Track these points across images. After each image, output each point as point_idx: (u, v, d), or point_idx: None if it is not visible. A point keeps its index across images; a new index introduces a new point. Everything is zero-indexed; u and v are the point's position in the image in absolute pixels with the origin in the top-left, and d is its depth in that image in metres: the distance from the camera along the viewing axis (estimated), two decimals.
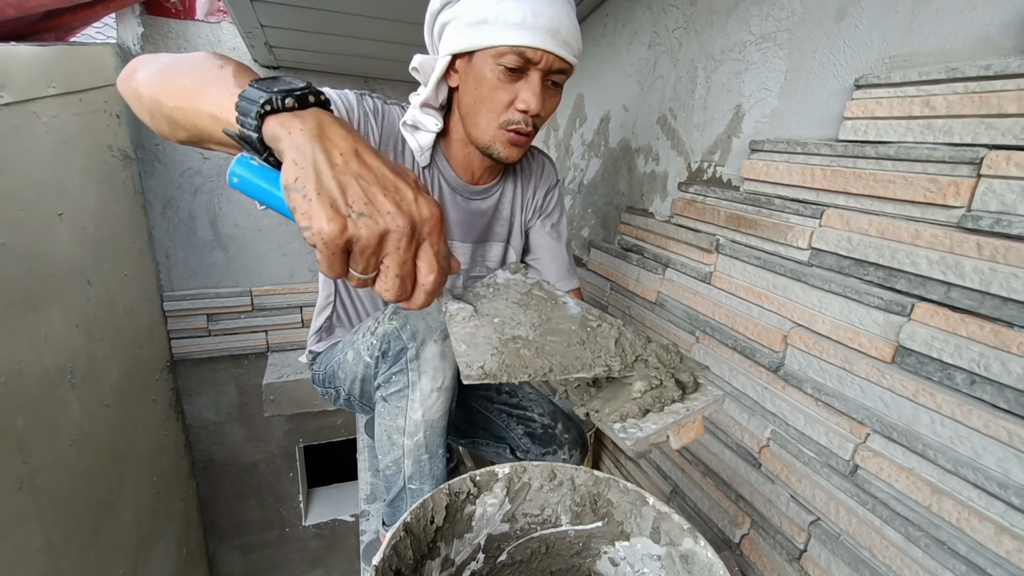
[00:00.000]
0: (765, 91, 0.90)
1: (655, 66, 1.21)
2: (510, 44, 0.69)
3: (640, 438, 0.44)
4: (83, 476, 1.37)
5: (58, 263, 1.33)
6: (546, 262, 1.01)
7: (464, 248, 0.96)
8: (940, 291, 0.62)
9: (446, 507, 0.60)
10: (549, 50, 0.71)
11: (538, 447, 1.02)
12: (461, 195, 0.91)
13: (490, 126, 0.77)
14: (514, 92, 0.74)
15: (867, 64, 0.73)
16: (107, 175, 1.62)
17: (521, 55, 0.70)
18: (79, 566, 1.33)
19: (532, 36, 0.69)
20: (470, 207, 0.93)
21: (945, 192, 0.61)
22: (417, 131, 0.83)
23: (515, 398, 1.08)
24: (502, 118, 0.76)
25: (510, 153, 0.80)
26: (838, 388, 0.75)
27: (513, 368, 0.46)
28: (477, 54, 0.73)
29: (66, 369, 1.32)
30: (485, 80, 0.74)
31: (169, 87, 0.46)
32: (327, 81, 1.99)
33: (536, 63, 0.72)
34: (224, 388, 2.20)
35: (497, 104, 0.75)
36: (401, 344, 0.75)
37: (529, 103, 0.73)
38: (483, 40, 0.71)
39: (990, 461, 0.58)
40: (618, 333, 0.56)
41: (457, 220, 0.93)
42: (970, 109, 0.59)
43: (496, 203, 0.95)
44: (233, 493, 2.39)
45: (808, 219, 0.79)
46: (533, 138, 0.81)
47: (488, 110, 0.76)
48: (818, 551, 0.76)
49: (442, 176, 0.89)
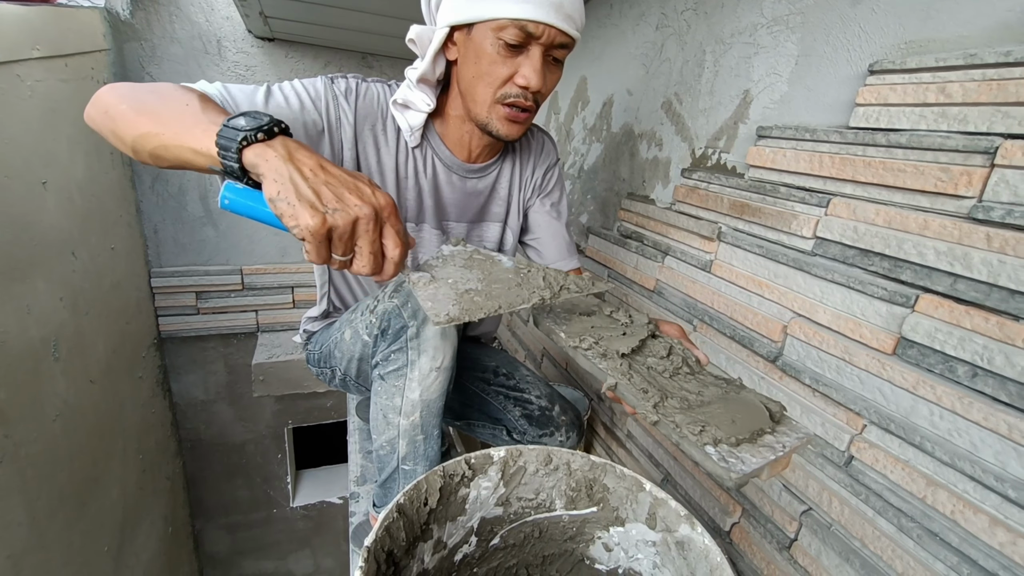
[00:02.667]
0: (775, 76, 0.88)
1: (662, 49, 1.19)
2: (511, 17, 0.67)
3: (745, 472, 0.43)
4: (68, 451, 1.35)
5: (43, 233, 1.29)
6: (545, 241, 0.99)
7: (460, 228, 0.94)
8: (946, 282, 0.61)
9: (440, 489, 0.59)
10: (551, 23, 0.68)
11: (535, 429, 1.02)
12: (457, 174, 0.88)
13: (488, 101, 0.74)
14: (514, 67, 0.72)
15: (882, 49, 0.71)
16: (95, 145, 1.57)
17: (522, 29, 0.68)
18: (64, 540, 1.32)
19: (534, 9, 0.66)
20: (466, 186, 0.90)
21: (957, 182, 0.60)
22: (407, 110, 0.80)
23: (512, 380, 1.07)
24: (500, 92, 0.73)
25: (510, 131, 0.77)
26: (836, 379, 0.75)
27: (471, 310, 0.55)
28: (476, 27, 0.70)
29: (50, 342, 1.29)
30: (484, 54, 0.71)
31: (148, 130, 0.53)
32: (324, 56, 1.94)
33: (538, 37, 0.69)
34: (213, 367, 2.18)
35: (496, 79, 0.72)
36: (402, 322, 0.73)
37: (530, 79, 0.71)
38: (483, 12, 0.68)
39: (988, 454, 0.58)
40: (543, 272, 0.67)
41: (453, 200, 0.90)
42: (987, 97, 0.58)
43: (493, 182, 0.93)
44: (221, 473, 2.38)
45: (814, 207, 0.78)
46: (534, 115, 0.78)
47: (487, 84, 0.73)
48: (809, 540, 0.76)
49: (436, 155, 0.86)
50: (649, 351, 0.62)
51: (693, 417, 0.50)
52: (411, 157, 0.85)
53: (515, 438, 1.04)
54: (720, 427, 0.47)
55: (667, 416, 0.50)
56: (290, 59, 1.91)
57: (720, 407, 0.52)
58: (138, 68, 1.73)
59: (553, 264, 1.00)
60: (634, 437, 1.18)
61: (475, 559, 0.67)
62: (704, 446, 0.45)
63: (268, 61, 1.88)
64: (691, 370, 0.61)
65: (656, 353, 0.62)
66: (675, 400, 0.54)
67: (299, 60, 1.92)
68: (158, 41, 1.73)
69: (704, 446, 0.45)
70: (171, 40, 1.74)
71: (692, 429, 0.48)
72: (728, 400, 0.54)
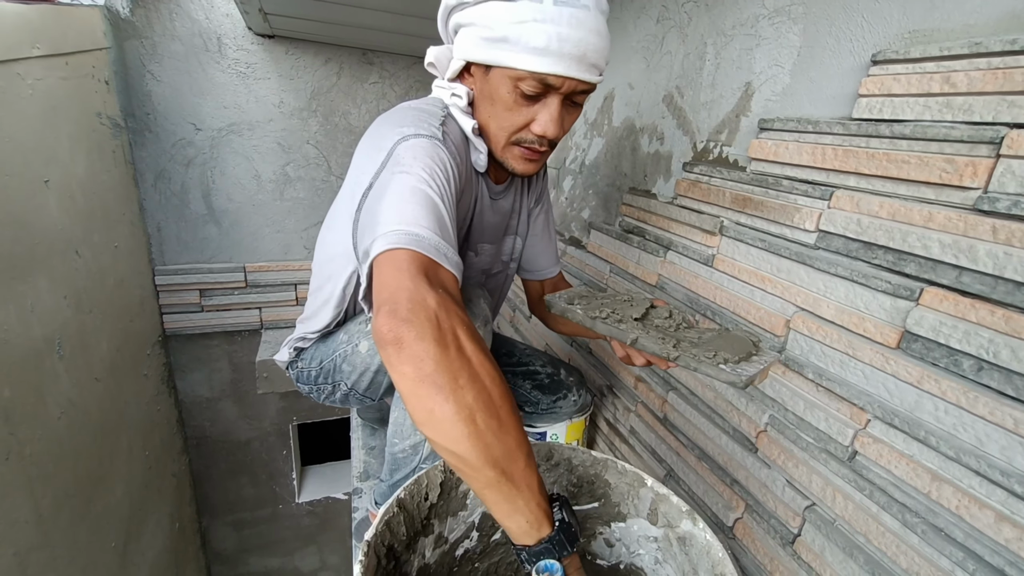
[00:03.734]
0: (777, 68, 0.87)
1: (663, 42, 1.18)
2: (530, 70, 0.64)
3: (750, 375, 0.59)
4: (73, 449, 1.36)
5: (45, 232, 1.29)
6: (543, 247, 1.00)
7: (491, 249, 0.93)
8: (951, 275, 0.61)
9: (440, 484, 0.59)
10: (573, 76, 0.65)
11: (548, 396, 1.04)
12: (491, 196, 0.87)
13: (502, 143, 0.72)
14: (531, 114, 0.69)
15: (885, 39, 0.70)
16: (96, 143, 1.57)
17: (541, 81, 0.65)
18: (70, 538, 1.33)
19: (555, 63, 0.63)
20: (498, 207, 0.89)
21: (962, 173, 0.59)
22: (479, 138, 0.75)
23: (514, 357, 1.08)
24: (515, 136, 0.71)
25: (526, 168, 0.75)
26: (840, 374, 0.74)
27: None
28: (494, 70, 0.67)
29: (54, 340, 1.30)
30: (500, 99, 0.68)
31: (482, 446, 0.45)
32: (325, 52, 1.94)
33: (557, 88, 0.66)
34: (217, 364, 2.19)
35: (511, 125, 0.70)
36: None
37: (547, 128, 0.68)
38: (501, 59, 0.65)
39: (994, 449, 0.57)
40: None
41: (492, 224, 0.89)
42: (993, 86, 0.57)
43: (513, 198, 0.93)
44: (226, 470, 2.39)
45: (816, 201, 0.77)
46: (549, 155, 0.76)
47: (501, 128, 0.71)
48: (812, 536, 0.76)
49: (483, 180, 0.83)
50: (654, 315, 0.76)
51: (704, 349, 0.65)
52: (474, 183, 0.81)
53: (527, 411, 1.05)
54: (725, 351, 0.63)
55: (686, 352, 0.64)
56: (291, 56, 1.90)
57: (720, 342, 0.67)
58: (139, 66, 1.73)
59: (543, 271, 1.02)
60: (637, 433, 1.18)
61: (476, 554, 0.67)
62: (719, 364, 0.61)
63: (269, 58, 1.88)
64: (688, 324, 0.76)
65: (660, 316, 0.75)
66: (686, 343, 0.68)
67: (299, 57, 1.92)
68: (158, 39, 1.73)
69: (719, 364, 0.61)
70: (171, 38, 1.74)
71: (707, 355, 0.63)
72: (722, 337, 0.69)
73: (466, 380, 0.44)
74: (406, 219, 0.51)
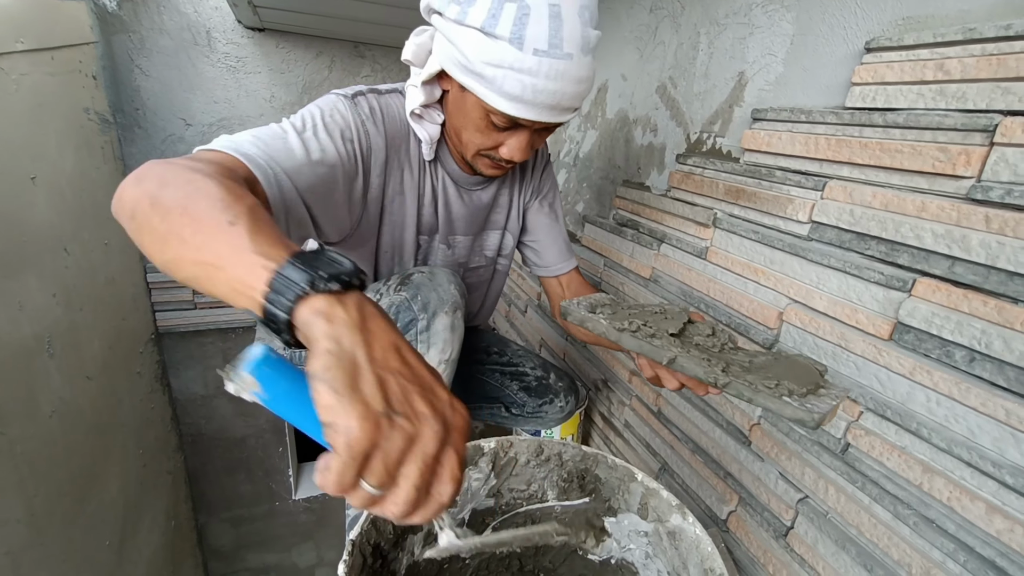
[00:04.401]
0: (770, 57, 0.86)
1: (656, 32, 1.16)
2: (501, 111, 0.62)
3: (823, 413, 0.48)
4: (65, 448, 1.35)
5: (34, 229, 1.28)
6: (546, 244, 0.98)
7: (466, 241, 0.92)
8: (944, 266, 0.60)
9: None
10: (544, 121, 0.64)
11: (535, 399, 1.02)
12: (464, 188, 0.86)
13: (471, 152, 0.73)
14: (500, 139, 0.69)
15: (879, 26, 0.69)
16: (85, 139, 1.55)
17: (512, 119, 0.64)
18: (64, 537, 1.32)
19: (527, 110, 0.62)
20: (472, 199, 0.88)
21: (955, 162, 0.58)
22: (423, 121, 0.75)
23: (505, 356, 1.07)
24: (484, 152, 0.71)
25: (493, 174, 0.76)
26: (833, 365, 0.73)
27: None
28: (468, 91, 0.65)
29: (44, 339, 1.28)
30: (472, 120, 0.67)
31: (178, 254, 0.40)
32: (316, 46, 1.92)
33: (528, 126, 0.66)
34: (211, 362, 2.18)
35: (481, 144, 0.70)
36: (411, 315, 0.72)
37: (514, 155, 0.69)
38: (474, 89, 0.63)
39: (985, 440, 0.56)
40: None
41: (462, 215, 0.88)
42: (986, 73, 0.56)
43: (495, 192, 0.91)
44: (222, 467, 2.39)
45: (810, 191, 0.76)
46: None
47: (471, 141, 0.71)
48: (805, 528, 0.76)
49: (446, 171, 0.83)
50: (693, 332, 0.64)
51: (761, 376, 0.54)
52: (427, 172, 0.81)
53: (514, 413, 1.04)
54: (791, 381, 0.53)
55: (738, 377, 0.53)
56: (281, 49, 1.88)
57: (779, 368, 0.56)
58: (127, 61, 1.71)
59: (553, 267, 0.99)
60: (631, 427, 1.17)
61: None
62: (782, 396, 0.50)
63: (259, 52, 1.86)
64: (734, 346, 0.64)
65: (701, 333, 0.64)
66: (736, 367, 0.57)
67: (290, 50, 1.89)
68: (147, 33, 1.70)
69: (782, 396, 0.50)
70: (160, 32, 1.72)
71: (767, 384, 0.52)
72: (780, 363, 0.58)
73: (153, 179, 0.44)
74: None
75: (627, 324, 0.60)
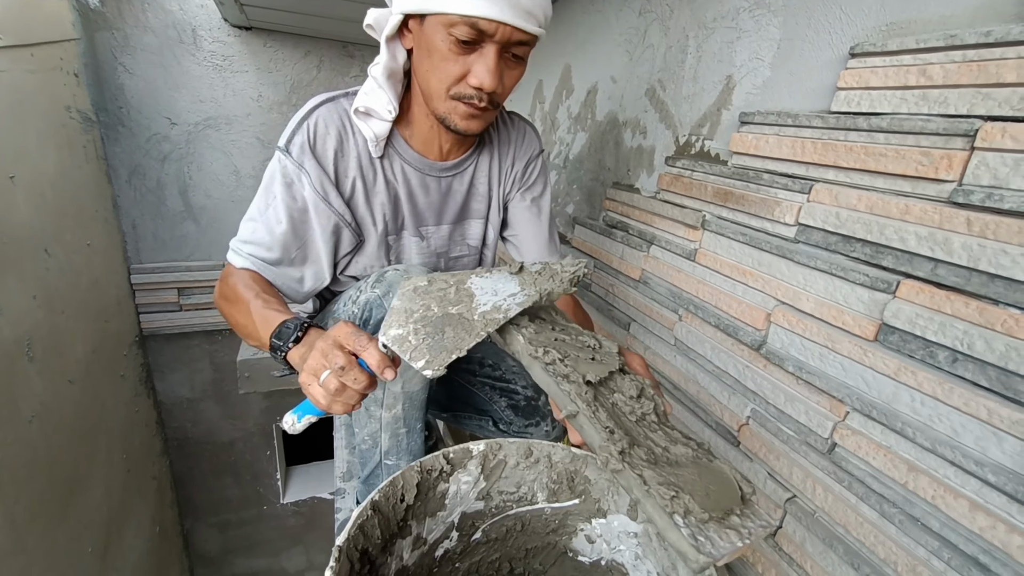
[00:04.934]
0: (757, 60, 0.86)
1: (645, 35, 1.17)
2: (460, 13, 0.62)
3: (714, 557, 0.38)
4: (47, 452, 1.33)
5: (13, 230, 1.25)
6: (525, 239, 0.96)
7: (441, 231, 0.91)
8: (927, 268, 0.61)
9: (417, 485, 0.58)
10: (506, 21, 0.63)
11: (521, 419, 1.01)
12: (431, 175, 0.85)
13: (442, 97, 0.71)
14: (467, 65, 0.67)
15: (864, 32, 0.70)
16: (67, 138, 1.53)
17: (474, 26, 0.63)
18: (46, 543, 1.29)
19: (486, 6, 0.61)
20: (441, 187, 0.87)
21: (937, 166, 0.59)
22: (370, 119, 0.76)
23: (498, 371, 1.06)
24: (454, 91, 0.69)
25: (469, 125, 0.73)
26: (820, 366, 0.74)
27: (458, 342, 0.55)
28: (428, 18, 0.66)
29: (24, 342, 1.26)
30: (436, 49, 0.66)
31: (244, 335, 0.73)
32: (304, 45, 1.90)
33: (492, 35, 0.64)
34: (198, 365, 2.15)
35: (448, 76, 0.68)
36: (383, 312, 0.71)
37: (483, 80, 0.66)
38: (432, 5, 0.63)
39: (968, 439, 0.57)
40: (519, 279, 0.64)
41: (428, 204, 0.87)
42: (968, 78, 0.57)
43: (471, 179, 0.90)
44: (209, 471, 2.36)
45: (796, 194, 0.77)
46: (495, 112, 0.75)
47: (439, 81, 0.69)
48: (793, 527, 0.76)
49: (404, 161, 0.82)
50: (616, 386, 0.55)
51: (664, 476, 0.44)
52: (379, 169, 0.81)
53: (501, 429, 1.03)
54: (694, 497, 0.42)
55: (635, 465, 0.44)
56: (269, 48, 1.86)
57: (692, 473, 0.46)
58: (111, 59, 1.68)
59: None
60: None
61: (457, 554, 0.66)
62: (673, 515, 0.40)
63: (246, 51, 1.84)
64: (657, 419, 0.54)
65: (625, 391, 0.54)
66: (642, 450, 0.47)
67: (278, 50, 1.88)
68: (131, 30, 1.68)
69: (673, 515, 0.40)
70: (144, 29, 1.69)
71: (663, 491, 0.42)
72: (700, 467, 0.48)
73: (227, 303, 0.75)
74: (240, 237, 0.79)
75: (541, 353, 0.53)
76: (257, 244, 0.77)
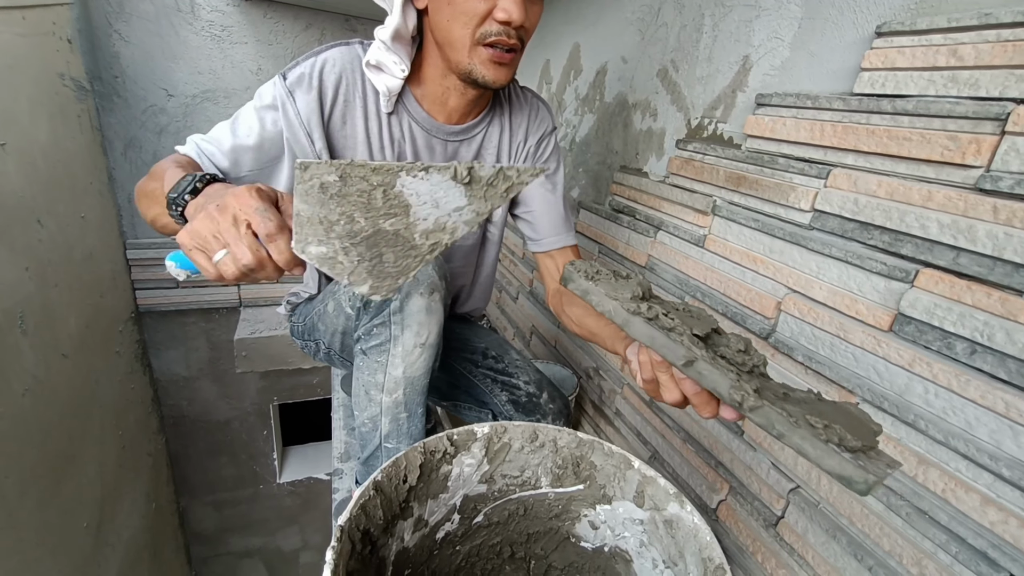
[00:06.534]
0: (776, 40, 0.84)
1: (659, 13, 1.13)
2: None
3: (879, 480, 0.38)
4: (39, 427, 1.31)
5: (4, 199, 1.22)
6: (539, 214, 0.94)
7: None
8: (948, 256, 0.59)
9: (420, 466, 0.56)
10: None
11: (521, 415, 0.99)
12: (438, 138, 0.83)
13: (468, 43, 0.68)
14: (492, 1, 0.66)
15: (891, 11, 0.67)
16: (60, 107, 1.48)
17: None
18: (38, 520, 1.28)
19: None
20: (448, 151, 0.85)
21: (964, 151, 0.57)
22: (381, 73, 0.74)
23: (501, 363, 1.04)
24: (480, 31, 0.67)
25: (496, 75, 0.71)
26: (830, 356, 0.73)
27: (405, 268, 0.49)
28: None
29: (16, 314, 1.23)
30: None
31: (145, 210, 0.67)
32: (305, 17, 1.85)
33: None
34: (194, 343, 2.13)
35: (474, 16, 0.66)
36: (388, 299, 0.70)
37: (511, 12, 0.64)
38: None
39: (983, 432, 0.56)
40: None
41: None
42: (1001, 59, 0.55)
43: (479, 146, 0.88)
44: (205, 450, 2.35)
45: (813, 179, 0.75)
46: (520, 55, 0.72)
47: (464, 24, 0.67)
48: (796, 518, 0.76)
49: (413, 120, 0.81)
50: (722, 342, 0.51)
51: (806, 410, 0.43)
52: (385, 124, 0.79)
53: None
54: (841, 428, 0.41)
55: (774, 403, 0.42)
56: (268, 20, 1.81)
57: (828, 410, 0.45)
58: (105, 25, 1.63)
59: (546, 239, 0.95)
60: (622, 415, 1.17)
61: (458, 537, 0.65)
62: (828, 443, 0.40)
63: (245, 21, 1.79)
64: (764, 374, 0.51)
65: (731, 346, 0.50)
66: (770, 393, 0.45)
67: (278, 21, 1.82)
68: None
69: (828, 443, 0.40)
70: None
71: (815, 421, 0.41)
72: (828, 406, 0.46)
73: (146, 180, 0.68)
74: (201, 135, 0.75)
75: (644, 308, 0.49)
76: (213, 144, 0.72)
